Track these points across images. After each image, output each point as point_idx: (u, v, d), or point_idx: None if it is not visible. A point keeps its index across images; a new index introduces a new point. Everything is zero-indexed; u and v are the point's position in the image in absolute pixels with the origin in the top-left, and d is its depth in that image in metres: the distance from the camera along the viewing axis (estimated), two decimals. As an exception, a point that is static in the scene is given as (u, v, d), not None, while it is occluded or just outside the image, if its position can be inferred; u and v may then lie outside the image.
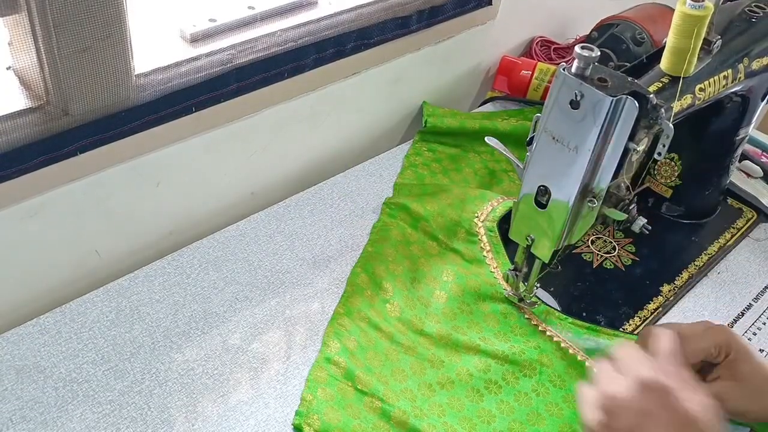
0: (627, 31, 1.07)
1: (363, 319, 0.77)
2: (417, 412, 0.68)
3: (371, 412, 0.68)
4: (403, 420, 0.67)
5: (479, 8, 1.02)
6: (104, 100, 0.68)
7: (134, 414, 0.66)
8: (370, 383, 0.70)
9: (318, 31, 0.84)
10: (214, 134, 0.82)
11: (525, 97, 1.12)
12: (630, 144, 0.62)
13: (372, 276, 0.81)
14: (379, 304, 0.78)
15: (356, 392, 0.70)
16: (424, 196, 0.90)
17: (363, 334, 0.75)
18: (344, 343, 0.73)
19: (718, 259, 0.89)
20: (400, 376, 0.72)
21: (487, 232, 0.84)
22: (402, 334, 0.76)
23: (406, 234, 0.86)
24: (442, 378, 0.72)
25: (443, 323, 0.77)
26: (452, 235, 0.85)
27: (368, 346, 0.74)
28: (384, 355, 0.74)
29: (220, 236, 0.84)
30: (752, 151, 1.06)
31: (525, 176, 0.68)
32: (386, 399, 0.69)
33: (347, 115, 0.98)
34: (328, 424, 0.66)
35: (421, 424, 0.67)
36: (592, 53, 0.60)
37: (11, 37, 0.64)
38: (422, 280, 0.81)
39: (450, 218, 0.86)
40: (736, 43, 0.76)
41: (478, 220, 0.85)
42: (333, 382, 0.70)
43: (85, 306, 0.74)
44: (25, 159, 0.66)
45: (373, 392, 0.69)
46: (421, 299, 0.79)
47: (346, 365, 0.71)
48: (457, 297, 0.79)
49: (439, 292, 0.79)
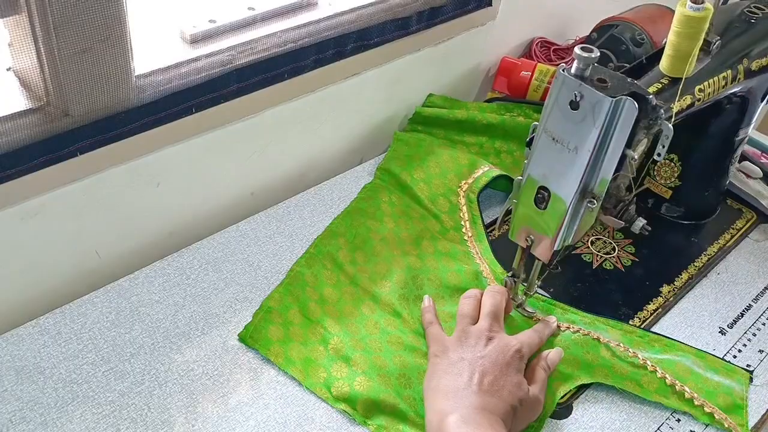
0: (627, 32, 1.07)
1: (330, 259, 0.81)
2: (354, 344, 0.73)
3: (312, 336, 0.74)
4: (339, 348, 0.72)
5: (479, 9, 1.02)
6: (104, 101, 0.68)
7: (134, 415, 0.66)
8: (317, 313, 0.76)
9: (318, 32, 0.84)
10: (214, 135, 0.82)
11: (525, 97, 1.12)
12: (627, 151, 0.62)
13: (350, 227, 0.85)
14: (349, 250, 0.82)
15: (304, 319, 0.75)
16: (413, 161, 0.93)
17: (326, 272, 0.80)
18: (304, 277, 0.79)
19: (718, 260, 0.89)
20: (351, 313, 0.76)
21: (467, 202, 0.90)
22: (366, 281, 0.80)
23: (392, 198, 0.89)
24: (390, 321, 0.76)
25: (406, 288, 0.79)
26: (435, 203, 0.89)
27: (327, 282, 0.79)
28: (340, 292, 0.78)
29: (220, 237, 0.84)
30: (752, 152, 1.06)
31: (525, 177, 0.69)
32: (329, 328, 0.74)
33: (347, 116, 0.98)
34: (269, 339, 0.73)
35: (354, 354, 0.72)
36: (591, 54, 0.60)
37: (11, 38, 0.64)
38: (399, 244, 0.84)
39: (435, 186, 0.91)
40: (735, 43, 0.76)
41: (461, 190, 0.90)
42: (286, 307, 0.76)
43: (85, 307, 0.74)
44: (25, 160, 0.66)
45: (318, 321, 0.75)
46: (388, 260, 0.82)
47: (300, 296, 0.77)
48: (431, 270, 0.81)
49: (413, 259, 0.83)
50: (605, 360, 0.73)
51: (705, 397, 0.71)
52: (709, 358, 0.76)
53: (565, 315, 0.78)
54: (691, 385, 0.72)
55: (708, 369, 0.74)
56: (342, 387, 0.69)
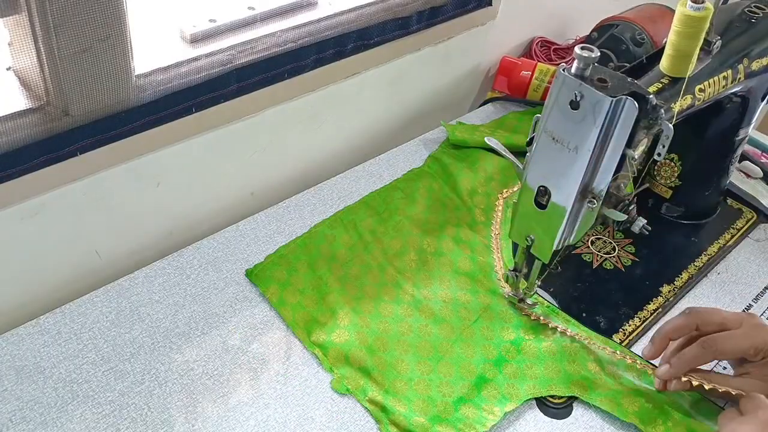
0: (627, 31, 1.07)
1: (353, 225, 0.86)
2: (346, 302, 0.76)
3: (311, 286, 0.78)
4: (331, 302, 0.76)
5: (479, 9, 1.03)
6: (104, 100, 0.68)
7: (134, 414, 0.66)
8: (323, 268, 0.80)
9: (318, 32, 0.84)
10: (214, 135, 0.82)
11: (525, 97, 1.12)
12: (627, 150, 0.62)
13: (382, 201, 0.89)
14: (373, 221, 0.86)
15: (309, 270, 0.79)
16: (465, 159, 0.97)
17: (345, 235, 0.84)
18: (323, 234, 0.84)
19: (718, 260, 0.89)
20: (355, 276, 0.80)
21: (505, 205, 0.92)
22: (378, 251, 0.83)
23: (433, 185, 0.93)
24: (388, 291, 0.79)
25: (413, 264, 0.83)
26: (473, 197, 0.92)
27: (342, 244, 0.83)
28: (351, 255, 0.82)
29: (219, 236, 0.84)
30: (752, 151, 1.06)
31: (525, 177, 0.68)
32: (328, 283, 0.78)
33: (347, 116, 0.98)
34: (271, 279, 0.78)
35: (342, 310, 0.76)
36: (591, 54, 0.60)
37: (11, 37, 0.64)
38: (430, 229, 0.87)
39: (478, 184, 0.94)
40: (735, 43, 0.76)
41: (501, 196, 0.93)
42: (297, 257, 0.81)
43: (85, 306, 0.74)
44: (25, 159, 0.66)
45: (322, 275, 0.79)
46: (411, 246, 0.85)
47: (313, 251, 0.82)
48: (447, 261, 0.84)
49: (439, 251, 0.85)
50: (589, 374, 0.72)
51: None
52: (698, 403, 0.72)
53: (565, 324, 0.78)
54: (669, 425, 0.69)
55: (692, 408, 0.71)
56: (321, 335, 0.73)
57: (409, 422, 0.66)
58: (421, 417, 0.67)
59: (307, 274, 0.79)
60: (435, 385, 0.70)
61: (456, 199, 0.92)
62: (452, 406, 0.69)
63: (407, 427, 0.66)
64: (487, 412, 0.68)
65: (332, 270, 0.80)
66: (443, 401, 0.69)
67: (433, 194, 0.92)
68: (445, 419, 0.67)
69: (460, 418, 0.68)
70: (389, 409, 0.68)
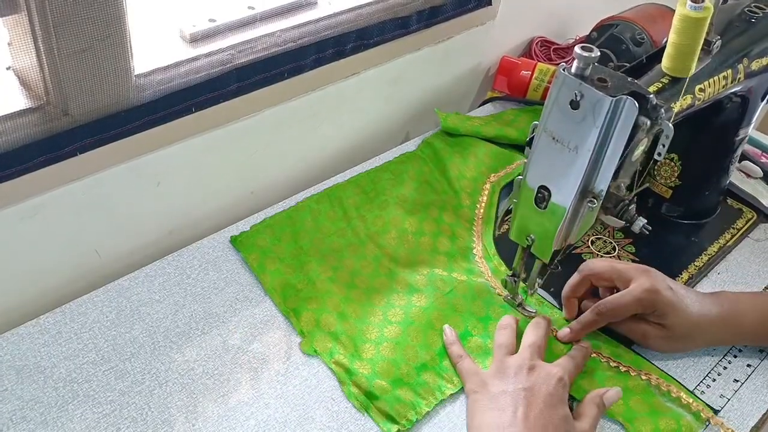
0: (627, 31, 1.07)
1: (339, 201, 0.88)
2: (322, 272, 0.79)
3: (292, 254, 0.81)
4: (308, 270, 0.79)
5: (479, 8, 1.02)
6: (104, 100, 0.68)
7: (134, 414, 0.66)
8: (305, 239, 0.83)
9: (318, 32, 0.84)
10: (214, 134, 0.82)
11: (525, 97, 1.12)
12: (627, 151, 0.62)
13: (370, 181, 0.92)
14: (360, 199, 0.89)
15: (292, 240, 0.83)
16: (457, 145, 0.99)
17: (331, 211, 0.87)
18: (309, 209, 0.86)
19: (718, 260, 0.89)
20: (335, 248, 0.83)
21: (491, 188, 0.93)
22: (361, 227, 0.86)
23: (423, 168, 0.95)
24: (366, 265, 0.81)
25: (393, 242, 0.85)
26: (461, 180, 0.94)
27: (327, 218, 0.86)
28: (334, 229, 0.85)
29: (220, 236, 0.84)
30: (752, 151, 1.06)
31: (525, 176, 0.68)
32: (308, 253, 0.81)
33: (347, 116, 0.98)
34: (254, 246, 0.81)
35: (319, 277, 0.78)
36: (591, 53, 0.60)
37: (11, 37, 0.64)
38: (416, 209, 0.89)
39: (468, 169, 0.95)
40: (735, 43, 0.76)
41: (489, 180, 0.94)
42: (281, 227, 0.84)
43: (85, 306, 0.74)
44: (24, 159, 0.66)
45: (303, 245, 0.82)
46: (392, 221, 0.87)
47: (297, 222, 0.84)
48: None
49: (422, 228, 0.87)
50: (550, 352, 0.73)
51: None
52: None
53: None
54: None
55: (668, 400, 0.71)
56: (294, 302, 0.76)
57: (370, 384, 0.69)
58: (383, 380, 0.69)
59: (289, 244, 0.82)
60: (401, 348, 0.72)
61: (443, 182, 0.94)
62: (415, 372, 0.71)
63: (368, 388, 0.68)
64: (446, 381, 0.71)
65: (314, 242, 0.83)
66: (407, 365, 0.71)
67: (422, 177, 0.94)
68: (407, 383, 0.70)
69: (421, 383, 0.70)
70: (353, 371, 0.70)
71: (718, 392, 0.73)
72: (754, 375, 0.75)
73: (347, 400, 0.69)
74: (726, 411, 0.71)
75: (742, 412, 0.71)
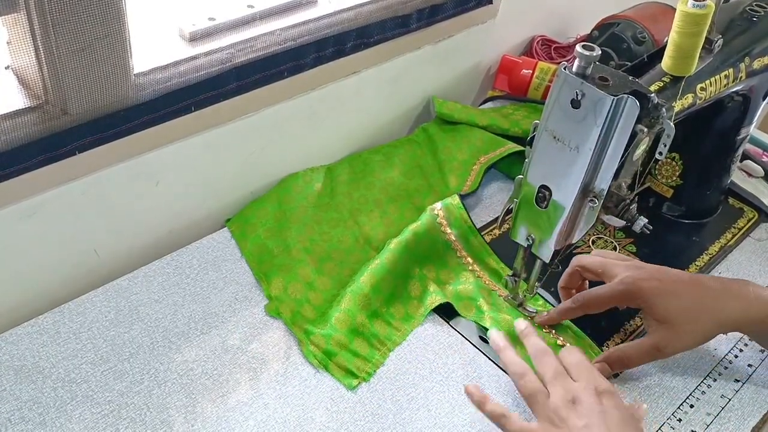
0: (628, 30, 1.07)
1: (329, 176, 0.91)
2: (302, 241, 0.83)
3: (273, 219, 0.84)
4: (287, 238, 0.82)
5: (480, 7, 1.02)
6: (103, 99, 0.68)
7: (133, 414, 0.66)
8: (290, 209, 0.86)
9: (318, 30, 0.83)
10: (213, 133, 0.82)
11: (526, 96, 1.11)
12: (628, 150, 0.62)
13: (360, 161, 0.95)
14: (347, 178, 0.92)
15: (277, 207, 0.86)
16: (451, 131, 1.01)
17: (318, 184, 0.90)
18: (298, 179, 0.90)
19: (719, 259, 0.89)
20: (317, 220, 0.86)
21: (480, 168, 0.95)
22: (345, 203, 0.88)
23: (416, 151, 0.98)
24: (344, 238, 0.84)
25: (374, 222, 0.87)
26: (450, 163, 0.96)
27: (314, 190, 0.89)
28: (318, 202, 0.88)
29: (219, 236, 0.84)
30: (753, 150, 1.06)
31: (526, 176, 0.68)
32: (291, 221, 0.85)
33: (347, 115, 0.97)
34: (244, 219, 0.85)
35: (296, 246, 0.82)
36: (593, 52, 0.60)
37: (10, 36, 0.64)
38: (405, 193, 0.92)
39: (459, 152, 0.97)
40: (737, 42, 0.76)
41: (478, 162, 0.96)
42: (269, 197, 0.87)
43: (84, 306, 0.74)
44: (23, 158, 0.66)
45: (287, 211, 0.85)
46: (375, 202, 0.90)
47: (284, 193, 0.88)
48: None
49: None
50: (481, 308, 0.77)
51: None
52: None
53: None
54: None
55: None
56: (268, 267, 0.79)
57: (327, 342, 0.72)
58: (340, 332, 0.72)
59: (274, 206, 0.86)
60: (356, 296, 0.75)
61: (434, 165, 0.96)
62: (368, 321, 0.74)
63: (326, 347, 0.71)
64: (395, 329, 0.74)
65: (298, 209, 0.86)
66: (361, 314, 0.74)
67: (413, 161, 0.96)
68: (361, 333, 0.73)
69: (374, 333, 0.74)
70: (311, 331, 0.73)
71: (719, 392, 0.73)
72: (755, 375, 0.75)
73: (347, 400, 0.69)
74: (727, 411, 0.71)
75: (743, 412, 0.71)
